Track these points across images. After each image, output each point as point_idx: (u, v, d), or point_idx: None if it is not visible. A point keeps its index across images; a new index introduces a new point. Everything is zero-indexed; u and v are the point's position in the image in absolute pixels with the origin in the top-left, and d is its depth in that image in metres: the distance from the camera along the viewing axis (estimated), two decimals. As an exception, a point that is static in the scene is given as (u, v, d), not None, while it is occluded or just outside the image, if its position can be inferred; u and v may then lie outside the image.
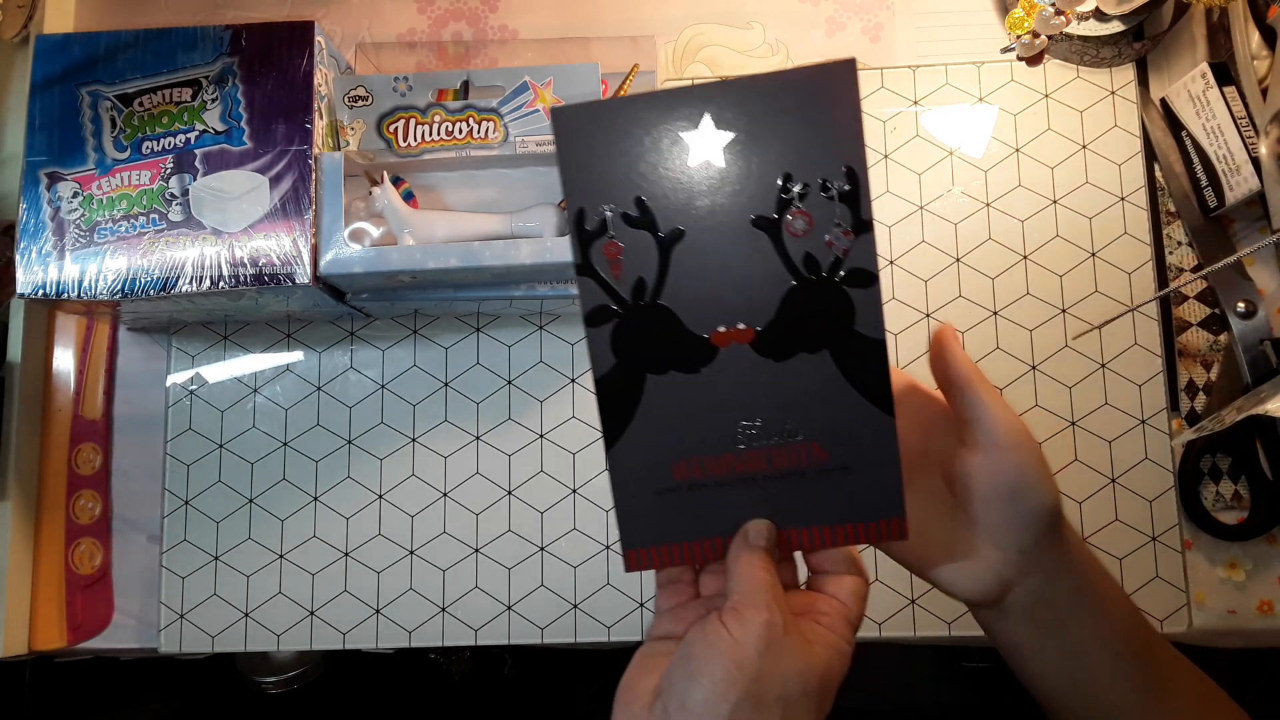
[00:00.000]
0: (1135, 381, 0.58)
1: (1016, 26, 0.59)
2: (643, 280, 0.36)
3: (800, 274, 0.36)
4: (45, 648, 0.58)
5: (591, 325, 0.36)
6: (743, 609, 0.34)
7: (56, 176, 0.51)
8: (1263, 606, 0.56)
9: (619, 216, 0.36)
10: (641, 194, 0.36)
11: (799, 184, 0.35)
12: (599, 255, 0.36)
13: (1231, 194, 0.56)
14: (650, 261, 0.36)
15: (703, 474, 0.37)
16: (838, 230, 0.36)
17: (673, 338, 0.36)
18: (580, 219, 0.36)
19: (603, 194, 0.36)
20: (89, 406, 0.61)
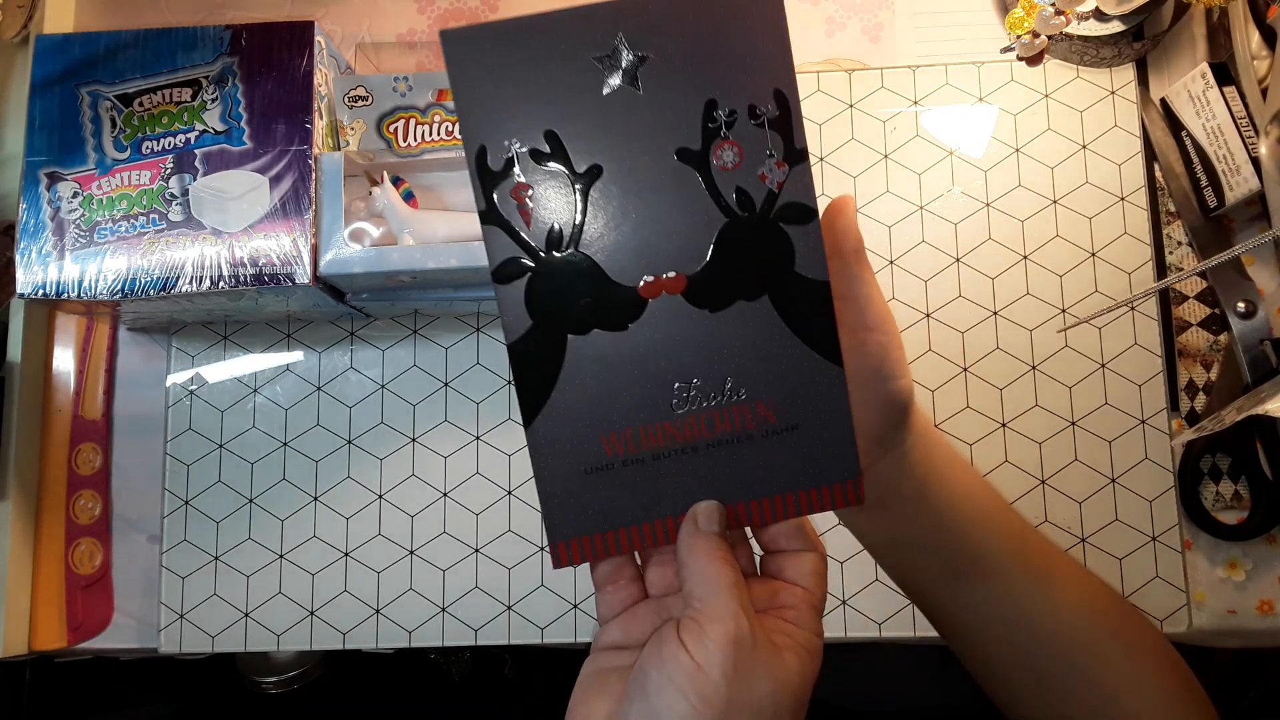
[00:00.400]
0: (1135, 381, 0.58)
1: (1016, 26, 0.59)
2: (557, 227, 0.32)
3: (733, 211, 0.33)
4: (45, 648, 0.58)
5: (501, 282, 0.32)
6: (704, 621, 0.30)
7: (56, 176, 0.51)
8: (1263, 606, 0.56)
9: (527, 154, 0.32)
10: (551, 126, 0.32)
11: (725, 111, 0.32)
12: (506, 200, 0.32)
13: (1231, 194, 0.56)
14: (565, 205, 0.32)
15: (637, 447, 0.33)
16: (770, 161, 0.32)
17: (595, 292, 0.32)
18: (481, 158, 0.32)
19: (507, 128, 0.31)
20: (89, 406, 0.61)
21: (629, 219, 0.32)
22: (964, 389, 0.58)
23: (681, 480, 0.34)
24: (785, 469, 0.34)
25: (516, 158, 0.32)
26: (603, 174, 0.32)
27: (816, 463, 0.34)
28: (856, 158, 0.61)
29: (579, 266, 0.32)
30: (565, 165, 0.32)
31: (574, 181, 0.32)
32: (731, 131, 0.32)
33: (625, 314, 0.33)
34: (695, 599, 0.31)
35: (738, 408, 0.33)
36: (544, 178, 0.32)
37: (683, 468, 0.33)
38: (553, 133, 0.32)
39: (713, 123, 0.32)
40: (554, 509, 0.33)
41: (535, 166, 0.32)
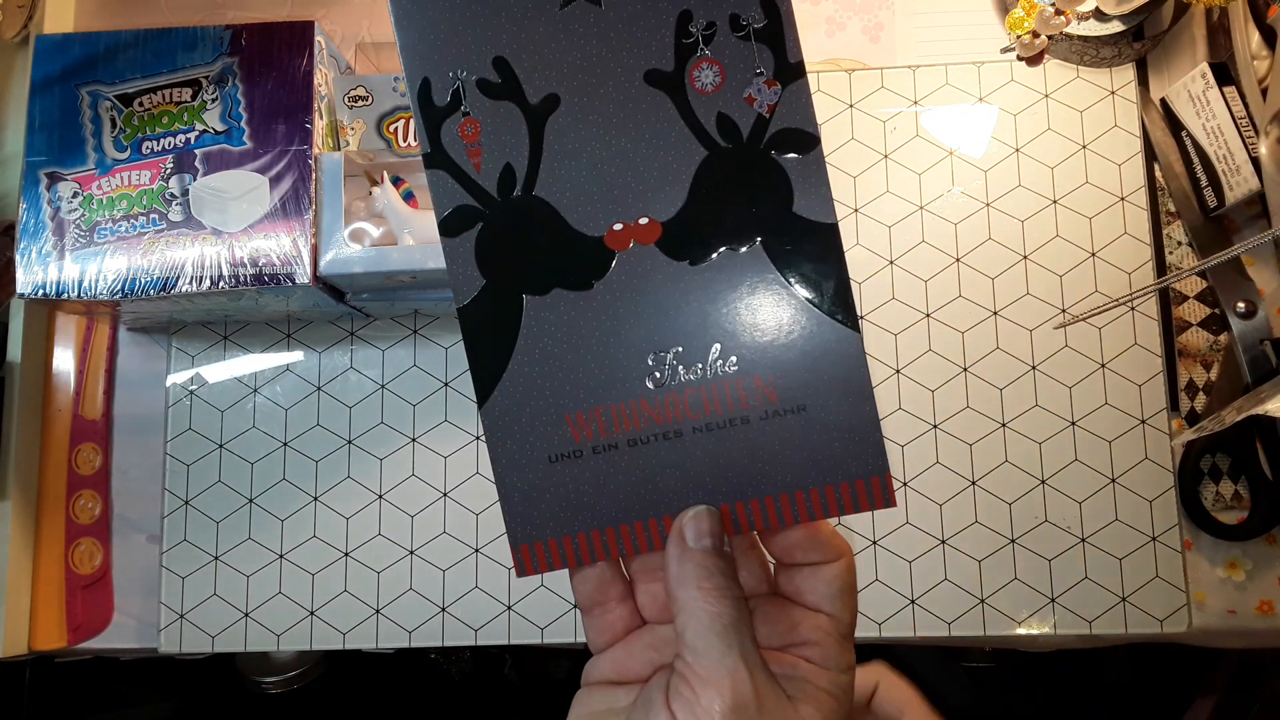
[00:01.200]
0: (1135, 381, 0.58)
1: (1016, 26, 0.59)
2: (510, 168, 0.27)
3: (714, 142, 0.27)
4: (45, 648, 0.58)
5: (449, 235, 0.28)
6: (695, 683, 0.24)
7: (56, 176, 0.51)
8: (1263, 606, 0.56)
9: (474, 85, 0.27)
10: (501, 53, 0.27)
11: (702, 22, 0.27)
12: (453, 139, 0.28)
13: (1231, 194, 0.56)
14: (519, 142, 0.27)
15: (609, 430, 0.28)
16: (759, 80, 0.28)
17: (555, 242, 0.28)
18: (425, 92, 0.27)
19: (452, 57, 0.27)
20: (89, 406, 0.61)
21: (591, 156, 0.27)
22: (964, 389, 0.58)
23: (665, 473, 0.28)
24: (791, 462, 0.28)
25: (464, 89, 0.27)
26: (560, 105, 0.27)
27: (830, 454, 0.28)
28: (856, 158, 0.61)
29: (535, 213, 0.27)
30: (517, 97, 0.27)
31: (527, 114, 0.27)
32: (710, 47, 0.27)
33: (589, 269, 0.28)
34: (685, 649, 0.25)
35: (728, 383, 0.28)
36: (494, 112, 0.27)
37: (665, 457, 0.28)
38: (502, 59, 0.27)
39: (688, 37, 0.27)
40: (514, 505, 0.28)
41: (484, 99, 0.27)
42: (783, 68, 0.28)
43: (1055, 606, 0.56)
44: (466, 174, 0.28)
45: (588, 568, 0.29)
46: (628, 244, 0.28)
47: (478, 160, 0.28)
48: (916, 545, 0.57)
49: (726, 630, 0.25)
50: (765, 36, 0.28)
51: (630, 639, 0.29)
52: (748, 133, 0.28)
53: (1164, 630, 0.55)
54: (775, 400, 0.28)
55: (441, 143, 0.28)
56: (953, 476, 0.57)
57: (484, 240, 0.28)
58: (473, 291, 0.28)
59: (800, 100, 0.28)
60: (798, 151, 0.28)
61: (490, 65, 0.27)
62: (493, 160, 0.28)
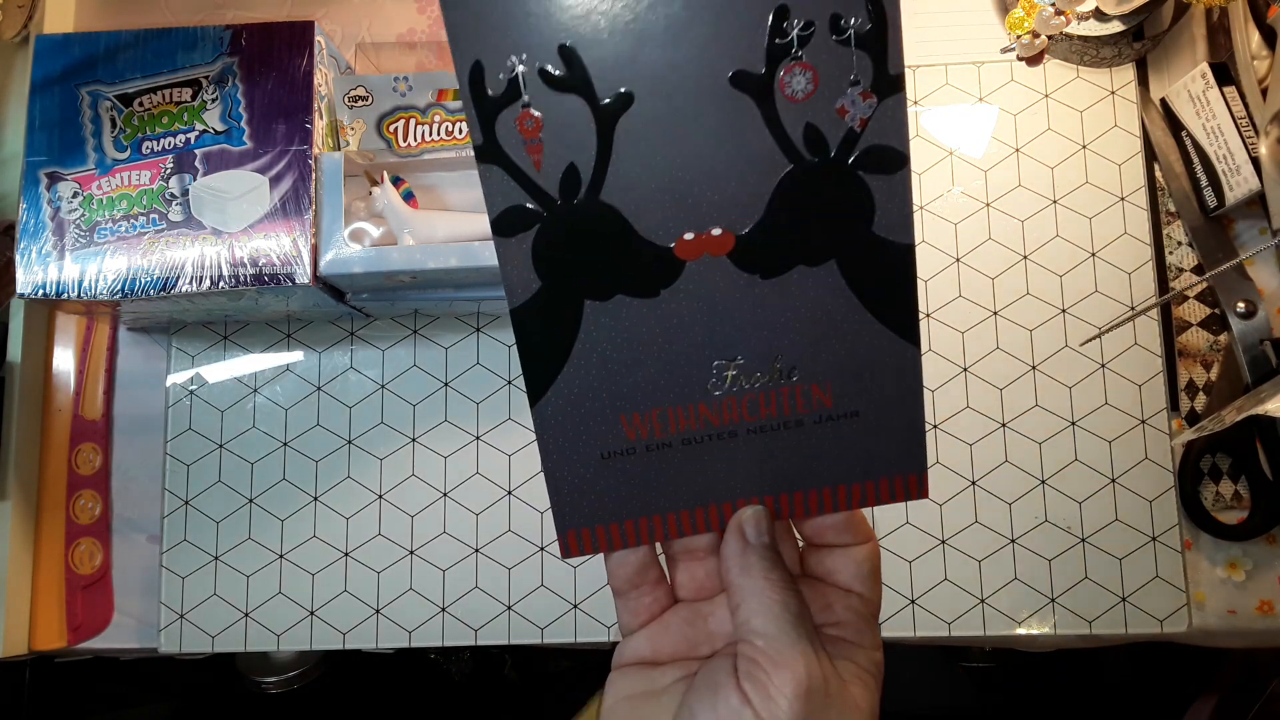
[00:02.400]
0: (1135, 381, 0.58)
1: (1016, 26, 0.59)
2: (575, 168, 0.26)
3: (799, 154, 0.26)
4: (45, 648, 0.58)
5: (502, 234, 0.26)
6: (769, 666, 0.25)
7: (56, 176, 0.51)
8: (1263, 606, 0.56)
9: (536, 74, 0.25)
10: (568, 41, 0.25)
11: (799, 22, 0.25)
12: (509, 133, 0.25)
13: (1231, 194, 0.56)
14: (585, 141, 0.25)
15: (664, 430, 0.28)
16: (854, 91, 0.25)
17: (621, 249, 0.26)
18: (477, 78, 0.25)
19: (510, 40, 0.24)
20: (89, 406, 0.61)
21: (665, 161, 0.26)
22: (964, 389, 0.58)
23: (715, 467, 0.28)
24: (838, 460, 0.29)
25: (522, 79, 0.25)
26: (634, 103, 0.25)
27: (876, 453, 0.29)
28: (856, 158, 0.61)
29: (601, 219, 0.26)
30: (585, 91, 0.25)
31: (596, 112, 0.25)
32: (805, 50, 0.25)
33: (657, 278, 0.27)
34: (756, 635, 0.26)
35: (789, 390, 0.28)
36: (558, 106, 0.25)
37: (716, 454, 0.28)
38: (570, 49, 0.25)
39: (782, 38, 0.25)
40: (563, 494, 0.28)
41: (547, 91, 0.25)
42: (881, 79, 0.25)
43: (1055, 606, 0.56)
44: (524, 172, 0.26)
45: (624, 551, 0.29)
46: (698, 254, 0.27)
47: (537, 158, 0.26)
48: (917, 545, 0.57)
49: (796, 619, 0.26)
50: (867, 43, 0.25)
51: (665, 617, 0.30)
52: (836, 148, 0.26)
53: (1164, 630, 0.55)
54: (830, 406, 0.28)
55: (496, 136, 0.25)
56: (953, 476, 0.57)
57: (542, 243, 0.26)
58: (528, 294, 0.27)
59: (895, 116, 0.26)
60: (885, 171, 0.26)
61: (556, 54, 0.25)
62: (555, 159, 0.26)
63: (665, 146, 0.26)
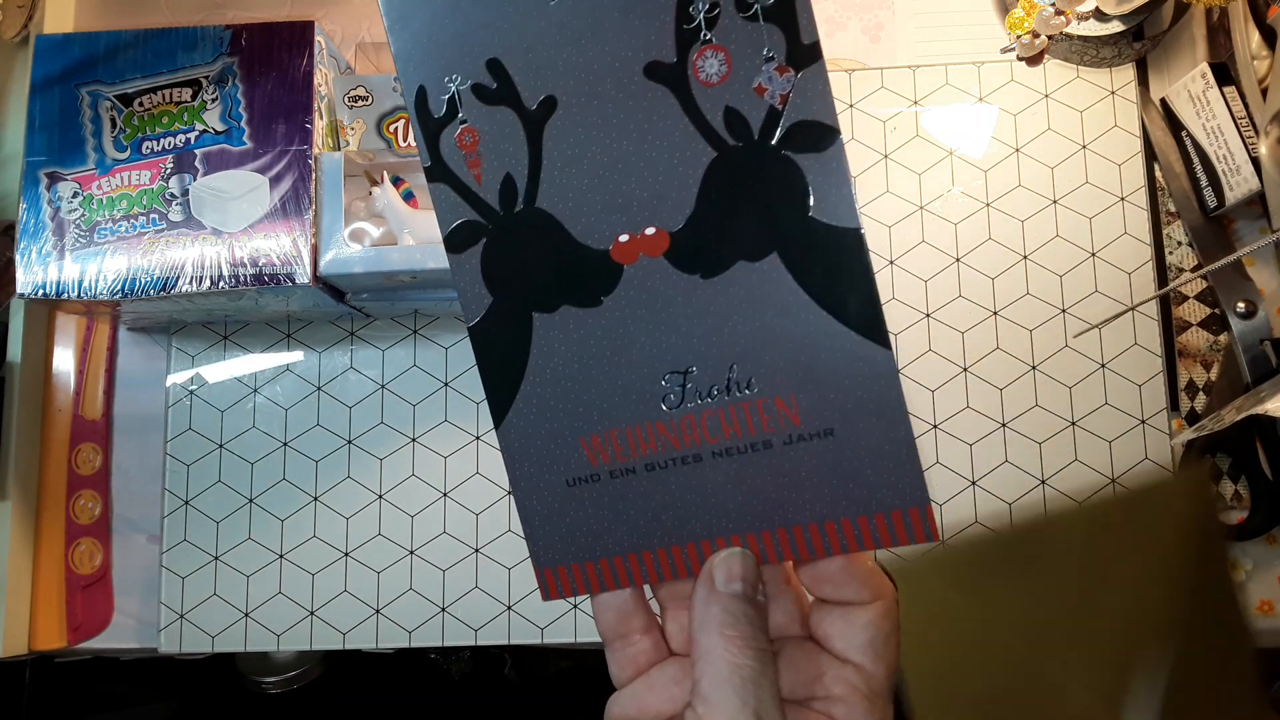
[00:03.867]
0: (1135, 381, 0.58)
1: (1016, 26, 0.59)
2: (511, 178, 0.26)
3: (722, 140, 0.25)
4: (45, 648, 0.58)
5: (454, 251, 0.26)
6: None
7: (56, 176, 0.51)
8: (1263, 606, 0.56)
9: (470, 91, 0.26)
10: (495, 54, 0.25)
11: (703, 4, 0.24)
12: (452, 149, 0.26)
13: (1231, 194, 0.56)
14: (518, 150, 0.26)
15: (625, 454, 0.26)
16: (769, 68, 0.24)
17: (560, 257, 0.26)
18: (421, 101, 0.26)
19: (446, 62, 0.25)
20: (89, 406, 0.61)
21: (592, 162, 0.25)
22: (964, 389, 0.58)
23: (686, 499, 0.26)
24: (821, 489, 0.26)
25: (459, 97, 0.26)
26: (558, 107, 0.25)
27: (862, 481, 0.25)
28: (856, 158, 0.61)
29: (538, 226, 0.26)
30: (513, 101, 0.25)
31: (524, 120, 0.25)
32: (714, 32, 0.24)
33: (598, 284, 0.26)
34: (698, 699, 0.24)
35: (747, 405, 0.26)
36: (491, 119, 0.25)
37: (685, 483, 0.26)
38: (496, 61, 0.25)
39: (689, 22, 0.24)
40: (535, 528, 0.27)
41: (481, 106, 0.26)
42: (795, 51, 0.24)
43: (1055, 606, 0.56)
44: (468, 186, 0.26)
45: (609, 596, 0.28)
46: (635, 256, 0.26)
47: (478, 171, 0.26)
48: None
49: (744, 684, 0.23)
50: (775, 15, 0.24)
51: (652, 673, 0.28)
52: (759, 128, 0.25)
53: (1164, 630, 0.55)
54: (799, 423, 0.25)
55: (441, 154, 0.26)
56: (953, 476, 0.57)
57: (489, 256, 0.26)
58: (481, 310, 0.26)
59: (816, 88, 0.24)
60: (815, 148, 0.24)
61: (484, 69, 0.25)
62: (493, 171, 0.26)
63: (591, 146, 0.25)
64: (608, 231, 0.26)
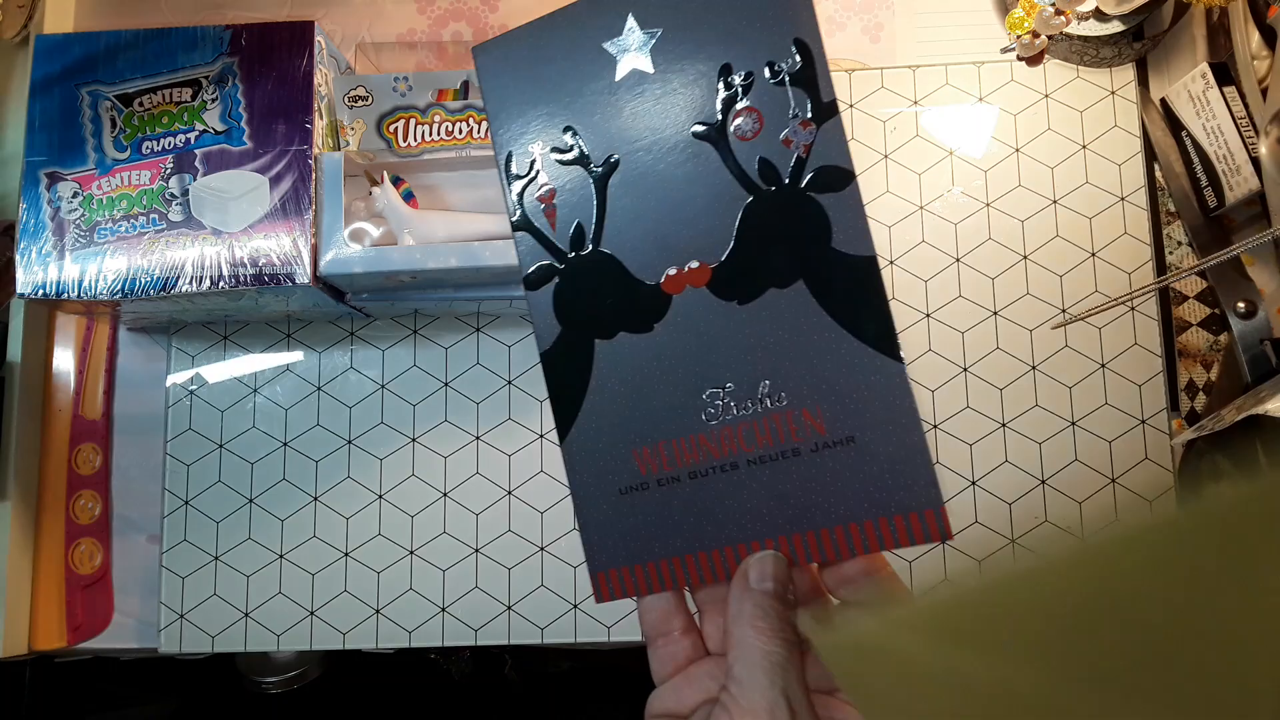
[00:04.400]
0: (1135, 381, 0.58)
1: (1016, 26, 0.59)
2: (581, 226, 0.31)
3: (756, 186, 0.29)
4: (45, 648, 0.58)
5: (531, 289, 0.31)
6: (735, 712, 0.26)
7: (56, 176, 0.51)
8: (1263, 606, 0.56)
9: (549, 153, 0.31)
10: (570, 122, 0.30)
11: (741, 74, 0.29)
12: (533, 204, 0.31)
13: (1231, 194, 0.56)
14: (587, 202, 0.30)
15: (671, 464, 0.30)
16: (795, 122, 0.29)
17: (619, 291, 0.30)
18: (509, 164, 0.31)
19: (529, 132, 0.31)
20: (89, 406, 0.61)
21: (649, 209, 0.30)
22: (964, 389, 0.58)
23: (725, 505, 0.29)
24: (845, 493, 0.29)
25: (540, 159, 0.31)
26: (620, 165, 0.30)
27: (881, 484, 0.28)
28: (857, 158, 0.61)
29: (602, 265, 0.30)
30: (583, 160, 0.31)
31: (593, 177, 0.30)
32: (749, 96, 0.29)
33: (650, 313, 0.30)
34: (732, 680, 0.26)
35: (778, 416, 0.29)
36: (566, 176, 0.31)
37: (724, 490, 0.29)
38: (570, 128, 0.31)
39: (728, 89, 0.29)
40: (591, 535, 0.31)
41: (557, 165, 0.31)
42: (817, 108, 0.29)
43: (1055, 606, 0.56)
44: (545, 234, 0.31)
45: (653, 598, 0.30)
46: (681, 288, 0.30)
47: (553, 220, 0.31)
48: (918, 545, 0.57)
49: (773, 667, 0.26)
50: (799, 79, 0.29)
51: (691, 669, 0.30)
52: (788, 174, 0.29)
53: (1164, 630, 0.55)
54: (824, 432, 0.29)
55: (525, 208, 0.31)
56: (953, 476, 0.57)
57: (560, 292, 0.31)
58: (552, 338, 0.31)
59: (835, 137, 0.29)
60: (835, 188, 0.29)
61: (561, 134, 0.31)
62: (566, 220, 0.31)
63: (647, 196, 0.30)
64: (659, 267, 0.30)
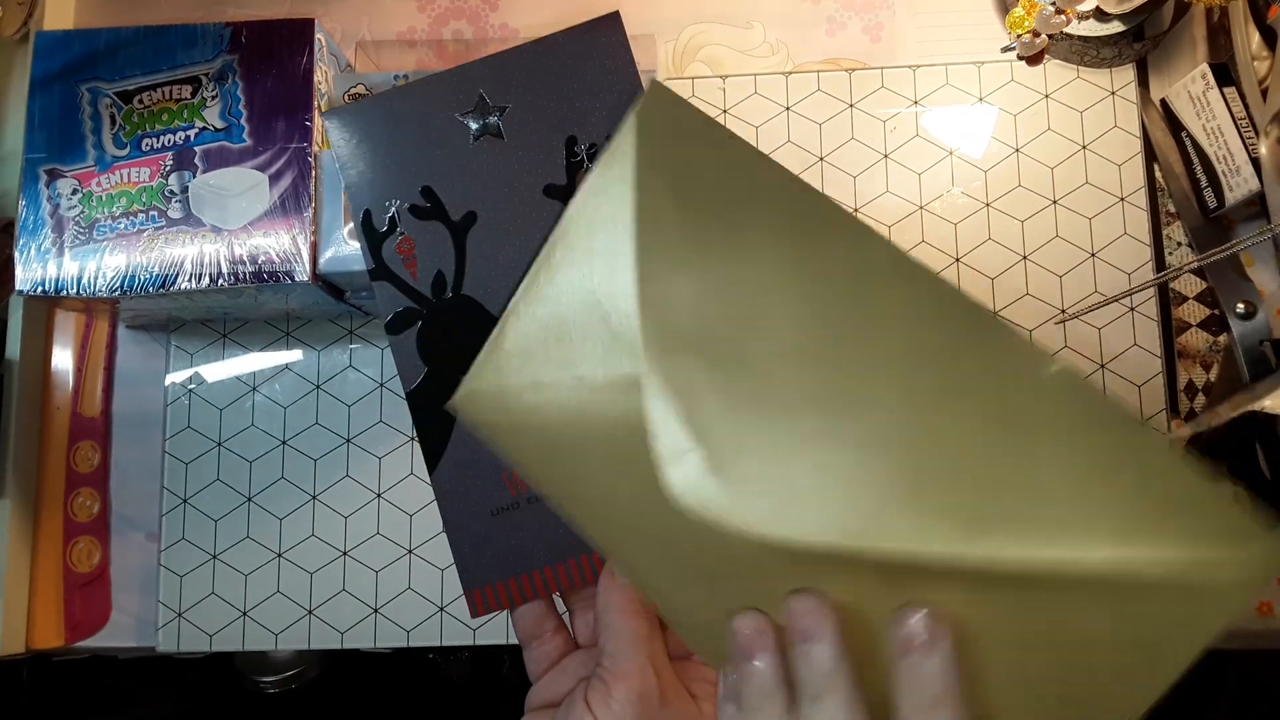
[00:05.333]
0: (1135, 382, 0.58)
1: (1016, 26, 0.59)
2: (441, 274, 0.34)
3: None
4: (43, 646, 0.58)
5: (393, 333, 0.34)
6: (609, 679, 0.29)
7: (56, 173, 0.51)
8: (1262, 608, 0.56)
9: (407, 210, 0.34)
10: (427, 183, 0.34)
11: (585, 144, 0.34)
12: (392, 254, 0.34)
13: (1231, 195, 0.56)
14: (446, 252, 0.34)
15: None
16: None
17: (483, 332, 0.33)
18: (367, 221, 0.35)
19: (389, 190, 0.34)
20: (87, 404, 0.61)
21: (506, 258, 0.34)
22: (963, 389, 0.58)
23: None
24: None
25: (399, 215, 0.34)
26: (478, 219, 0.34)
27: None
28: (856, 158, 0.61)
29: (463, 309, 0.34)
30: (442, 217, 0.34)
31: (451, 229, 0.34)
32: (593, 162, 0.33)
33: None
34: (605, 655, 0.30)
35: None
36: (424, 229, 0.34)
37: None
38: (429, 188, 0.34)
39: (574, 157, 0.34)
40: (465, 555, 0.34)
41: (416, 221, 0.34)
42: None
43: (1054, 607, 0.56)
44: (405, 282, 0.34)
45: (527, 605, 0.34)
46: None
47: (414, 270, 0.34)
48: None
49: (638, 639, 0.30)
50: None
51: (563, 663, 0.34)
52: None
53: (1163, 631, 0.55)
54: None
55: (383, 259, 0.34)
56: (952, 476, 0.57)
57: (423, 335, 0.34)
58: (417, 378, 0.34)
59: None
60: None
61: (419, 193, 0.34)
62: (426, 269, 0.34)
63: (505, 247, 0.34)
64: None
